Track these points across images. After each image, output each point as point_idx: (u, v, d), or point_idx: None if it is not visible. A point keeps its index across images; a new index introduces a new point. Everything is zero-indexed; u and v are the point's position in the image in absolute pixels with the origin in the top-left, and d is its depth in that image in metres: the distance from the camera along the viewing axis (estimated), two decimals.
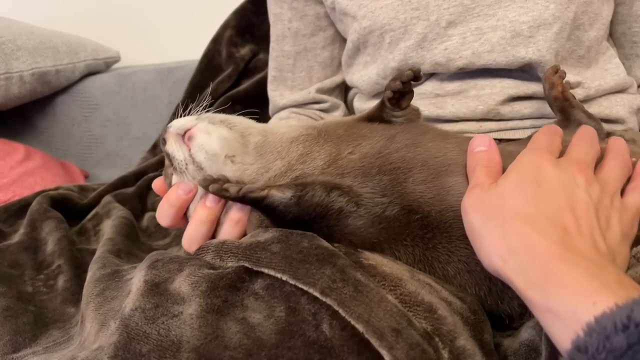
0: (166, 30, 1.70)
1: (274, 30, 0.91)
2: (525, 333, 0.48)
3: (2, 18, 1.44)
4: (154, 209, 1.09)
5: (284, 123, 0.63)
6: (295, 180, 0.54)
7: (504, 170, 0.49)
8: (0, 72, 1.30)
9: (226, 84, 1.32)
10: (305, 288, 0.43)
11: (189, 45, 1.52)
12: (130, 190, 1.09)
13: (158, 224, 1.00)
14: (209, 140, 0.56)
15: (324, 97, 0.91)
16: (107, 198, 1.04)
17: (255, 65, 1.36)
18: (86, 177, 1.46)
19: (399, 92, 0.59)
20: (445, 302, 0.47)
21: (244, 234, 0.56)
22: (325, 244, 0.48)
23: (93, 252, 0.88)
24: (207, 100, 0.65)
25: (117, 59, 1.59)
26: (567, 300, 0.35)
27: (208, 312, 0.43)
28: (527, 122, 0.73)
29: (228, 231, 0.56)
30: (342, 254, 0.48)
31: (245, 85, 1.31)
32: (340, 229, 0.52)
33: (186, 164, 0.56)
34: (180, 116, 0.62)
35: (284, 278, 0.44)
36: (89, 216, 1.02)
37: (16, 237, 0.88)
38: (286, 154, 0.57)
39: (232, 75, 1.33)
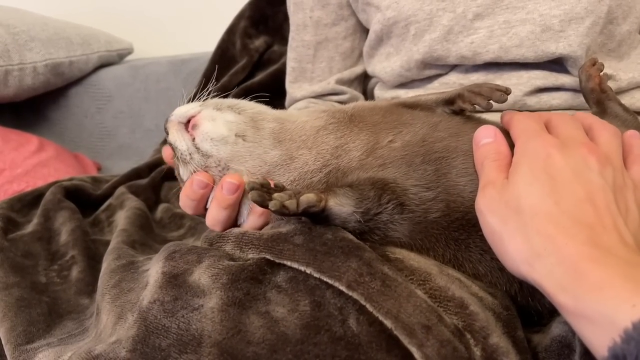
0: (179, 21, 1.68)
1: (294, 20, 0.89)
2: (557, 329, 0.46)
3: (15, 9, 1.44)
4: (168, 201, 1.08)
5: (302, 111, 0.60)
6: (328, 175, 0.52)
7: None
8: (14, 62, 1.29)
9: (240, 76, 1.31)
10: (330, 282, 0.41)
11: (202, 37, 1.51)
12: (143, 181, 1.08)
13: (172, 215, 1.00)
14: (214, 127, 0.52)
15: (344, 88, 0.89)
16: (121, 189, 1.03)
17: (270, 57, 1.34)
18: (99, 169, 1.45)
19: None
20: (476, 297, 0.45)
21: (267, 223, 0.55)
22: (350, 236, 0.46)
23: (107, 243, 0.87)
24: (216, 89, 0.61)
25: (130, 51, 1.58)
26: (603, 304, 0.33)
27: (230, 305, 0.41)
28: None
29: (251, 222, 0.54)
30: (368, 246, 0.46)
31: (259, 76, 1.29)
32: (377, 239, 0.49)
33: (190, 154, 0.53)
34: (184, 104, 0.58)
35: (308, 271, 0.43)
36: (102, 207, 1.01)
37: (30, 227, 0.87)
38: (313, 144, 0.54)
39: (246, 67, 1.31)
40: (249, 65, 1.31)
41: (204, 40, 1.47)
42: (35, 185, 1.07)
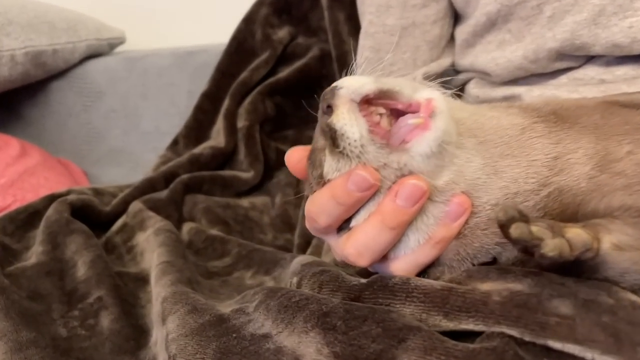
0: (177, 10, 1.50)
1: (373, 0, 0.73)
2: None
3: None
4: (192, 219, 0.89)
5: (479, 105, 0.45)
6: (547, 198, 0.37)
7: None
8: None
9: (262, 71, 1.14)
10: None
11: (205, 27, 1.35)
12: (162, 195, 0.88)
13: (206, 239, 0.80)
14: None
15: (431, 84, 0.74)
16: (136, 205, 0.84)
17: (294, 50, 1.18)
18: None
19: None
20: None
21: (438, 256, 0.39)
22: (634, 296, 0.31)
23: (137, 278, 0.68)
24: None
25: (122, 41, 1.37)
26: None
27: None
28: None
29: (422, 255, 0.38)
30: None
31: (285, 72, 1.13)
32: None
33: (362, 145, 0.37)
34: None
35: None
36: (115, 228, 0.81)
37: (33, 258, 0.67)
38: (520, 151, 0.39)
39: (269, 61, 1.14)
40: (272, 59, 1.14)
41: (208, 31, 1.30)
42: (25, 199, 0.86)
